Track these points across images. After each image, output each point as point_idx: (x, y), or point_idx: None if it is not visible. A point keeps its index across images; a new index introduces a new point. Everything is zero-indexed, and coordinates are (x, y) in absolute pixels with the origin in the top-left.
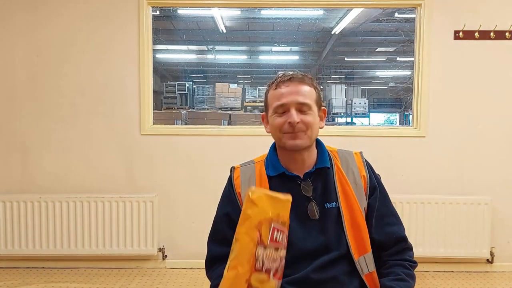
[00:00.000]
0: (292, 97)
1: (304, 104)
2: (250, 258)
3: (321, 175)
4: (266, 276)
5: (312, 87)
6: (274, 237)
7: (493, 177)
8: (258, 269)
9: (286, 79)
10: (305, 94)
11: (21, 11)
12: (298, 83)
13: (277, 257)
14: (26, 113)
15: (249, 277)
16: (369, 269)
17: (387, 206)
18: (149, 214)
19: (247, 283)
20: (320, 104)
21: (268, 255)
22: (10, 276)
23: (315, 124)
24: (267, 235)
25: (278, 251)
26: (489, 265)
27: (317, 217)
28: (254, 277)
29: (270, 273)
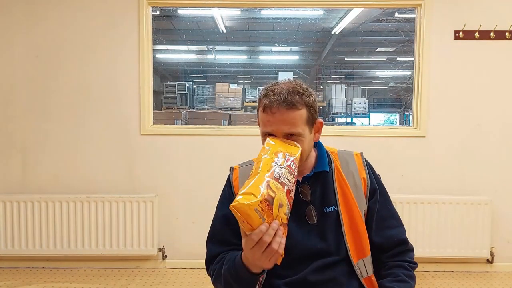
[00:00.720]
0: (278, 126)
1: (292, 134)
2: (269, 168)
3: (320, 178)
4: (281, 187)
5: (303, 107)
6: (289, 163)
7: (493, 177)
8: (275, 178)
9: (274, 104)
10: (293, 122)
11: (20, 11)
12: (286, 109)
13: (291, 180)
14: (26, 113)
15: (269, 180)
16: (368, 272)
17: (387, 208)
18: (149, 214)
19: (267, 184)
20: (313, 120)
21: (283, 173)
22: (10, 276)
23: (304, 148)
24: (283, 160)
25: (291, 176)
26: (489, 265)
27: (315, 221)
28: (272, 182)
29: (284, 188)
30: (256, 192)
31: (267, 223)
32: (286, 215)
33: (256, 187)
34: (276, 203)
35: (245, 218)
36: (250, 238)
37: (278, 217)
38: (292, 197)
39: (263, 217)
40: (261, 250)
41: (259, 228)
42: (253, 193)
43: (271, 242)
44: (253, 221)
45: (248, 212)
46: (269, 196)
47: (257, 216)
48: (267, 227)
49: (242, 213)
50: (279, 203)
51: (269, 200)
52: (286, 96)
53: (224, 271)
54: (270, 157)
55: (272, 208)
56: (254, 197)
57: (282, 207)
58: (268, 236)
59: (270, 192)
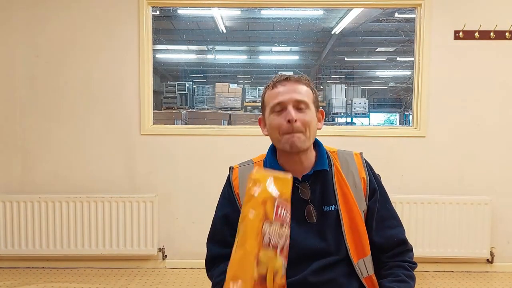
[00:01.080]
0: (289, 95)
1: (301, 102)
2: (257, 234)
3: (319, 177)
4: (273, 252)
5: (309, 87)
6: (279, 213)
7: (493, 177)
8: (265, 245)
9: (282, 79)
10: (302, 92)
11: (20, 11)
12: (295, 82)
13: (283, 234)
14: (26, 113)
15: (257, 253)
16: (369, 272)
17: (387, 208)
18: (149, 214)
19: (256, 260)
20: (317, 105)
21: (274, 231)
22: (10, 276)
23: (313, 123)
24: (272, 211)
25: (283, 228)
26: (489, 265)
27: (314, 220)
28: (262, 253)
29: (277, 249)
30: (245, 276)
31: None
32: (282, 272)
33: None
34: (269, 276)
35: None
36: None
37: (274, 285)
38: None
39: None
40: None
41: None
42: (241, 278)
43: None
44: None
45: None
46: (260, 276)
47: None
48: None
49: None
50: (273, 274)
51: (261, 279)
52: (294, 76)
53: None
54: (257, 213)
55: (265, 284)
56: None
57: (277, 273)
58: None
59: (261, 269)
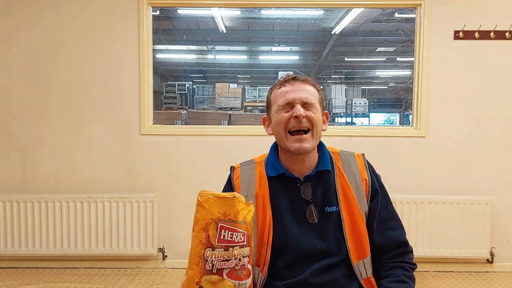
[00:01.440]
0: (297, 94)
1: (308, 101)
2: (199, 260)
3: (321, 178)
4: (218, 277)
5: (316, 88)
6: (222, 236)
7: (493, 177)
8: (208, 270)
9: (289, 78)
10: (311, 92)
11: (19, 11)
12: (302, 82)
13: (230, 256)
14: (26, 113)
15: (199, 279)
16: (368, 273)
17: (388, 210)
18: (149, 214)
19: (198, 285)
20: (323, 106)
21: (217, 256)
22: (10, 276)
23: (319, 122)
24: (214, 236)
25: (229, 251)
26: (489, 265)
27: (315, 221)
28: (205, 279)
29: (223, 273)
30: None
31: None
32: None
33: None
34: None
35: None
36: None
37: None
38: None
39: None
40: None
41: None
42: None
43: None
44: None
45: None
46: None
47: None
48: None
49: None
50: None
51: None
52: (301, 76)
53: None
54: (200, 239)
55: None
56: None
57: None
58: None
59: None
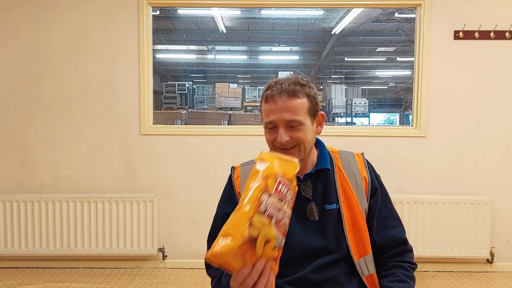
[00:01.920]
0: (280, 115)
1: (292, 121)
2: (255, 201)
3: (321, 176)
4: (268, 220)
5: (304, 97)
6: (279, 189)
7: (493, 177)
8: (260, 212)
9: (275, 92)
10: (295, 109)
11: (21, 11)
12: (288, 98)
13: (281, 208)
14: (26, 113)
15: (251, 216)
16: (369, 271)
17: (388, 208)
18: (149, 214)
19: (249, 221)
20: (315, 111)
21: (271, 202)
22: (10, 276)
23: (307, 137)
24: (272, 186)
25: (282, 203)
26: (489, 265)
27: (316, 218)
28: (257, 217)
29: (272, 220)
30: (236, 233)
31: (250, 264)
32: (277, 247)
33: (236, 228)
34: (260, 241)
35: (225, 266)
36: (234, 279)
37: (264, 255)
38: (285, 224)
39: (245, 259)
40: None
41: (241, 273)
42: (232, 235)
43: (257, 283)
44: (233, 267)
45: (227, 260)
46: (250, 237)
47: (237, 260)
48: (249, 270)
49: (219, 261)
50: (264, 240)
51: (251, 240)
52: (288, 86)
53: (223, 284)
54: (259, 184)
55: (255, 247)
56: (232, 240)
57: (269, 242)
58: (251, 279)
59: (253, 231)
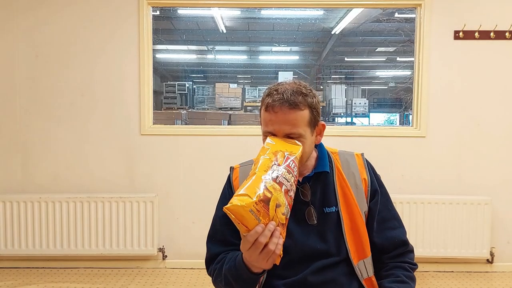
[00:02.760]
0: (280, 126)
1: (292, 134)
2: (267, 169)
3: (320, 179)
4: (279, 187)
5: (305, 108)
6: (288, 163)
7: (493, 177)
8: (273, 178)
9: (276, 103)
10: (295, 123)
11: (21, 11)
12: (289, 109)
13: (289, 180)
14: (26, 113)
15: (266, 180)
16: (369, 273)
17: (388, 209)
18: (149, 214)
19: (264, 183)
20: (315, 122)
21: (282, 173)
22: (10, 276)
23: (305, 149)
24: (282, 159)
25: (290, 175)
26: (489, 265)
27: (315, 222)
28: (269, 182)
29: (282, 188)
30: (251, 193)
31: (263, 224)
32: (285, 215)
33: (251, 188)
34: (272, 203)
35: (240, 220)
36: (246, 239)
37: (275, 218)
38: (291, 196)
39: (259, 218)
40: (257, 251)
41: (255, 229)
42: (248, 194)
43: (268, 243)
44: (248, 223)
45: (243, 214)
46: (265, 196)
47: (252, 217)
48: (263, 228)
49: (236, 215)
50: (276, 203)
51: (265, 200)
52: (290, 96)
53: (225, 271)
54: (269, 157)
55: (268, 209)
56: (249, 198)
57: (280, 207)
58: (264, 237)
59: (267, 192)
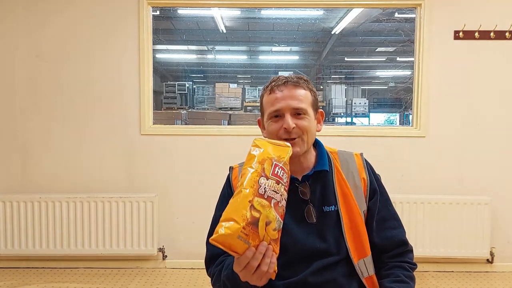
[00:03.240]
0: (286, 102)
1: (299, 109)
2: (253, 184)
3: (319, 178)
4: (267, 202)
5: (308, 90)
6: (276, 172)
7: (493, 177)
8: (260, 194)
9: (280, 83)
10: (300, 98)
11: (21, 11)
12: (293, 87)
13: (278, 191)
14: (26, 113)
15: (252, 198)
16: (369, 272)
17: (388, 209)
18: (149, 214)
19: (250, 204)
20: (316, 106)
21: (270, 185)
22: (10, 276)
23: (311, 129)
24: (269, 169)
25: (279, 186)
26: (489, 265)
27: (314, 220)
28: (257, 200)
29: (271, 202)
30: (238, 216)
31: (253, 246)
32: (276, 230)
33: (238, 211)
34: (262, 223)
35: (229, 248)
36: (238, 263)
37: (266, 237)
38: (283, 206)
39: (248, 242)
40: (250, 273)
41: (245, 255)
42: (234, 219)
43: (260, 264)
44: (237, 249)
45: (230, 242)
46: (252, 218)
47: (241, 243)
48: (253, 252)
49: (224, 244)
50: (265, 222)
51: (253, 222)
52: (293, 78)
53: (223, 277)
54: (256, 168)
55: (257, 230)
56: (235, 224)
57: (270, 224)
58: (255, 261)
59: (254, 213)
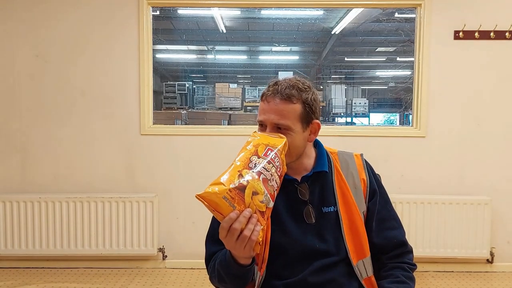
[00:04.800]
0: (268, 115)
1: (280, 124)
2: (245, 160)
3: (319, 178)
4: (256, 176)
5: (299, 102)
6: (268, 153)
7: (493, 177)
8: (250, 167)
9: (270, 93)
10: (284, 113)
11: (21, 11)
12: (281, 100)
13: (269, 170)
14: (26, 113)
15: (241, 169)
16: (368, 273)
17: (387, 210)
18: (149, 214)
19: (239, 173)
20: (308, 119)
21: (260, 162)
22: (10, 276)
23: (294, 142)
24: (262, 151)
25: (271, 166)
26: (489, 265)
27: (313, 221)
28: (246, 171)
29: (260, 176)
30: (226, 181)
31: (238, 210)
32: (264, 203)
33: (226, 177)
34: (248, 191)
35: (214, 207)
36: (222, 226)
37: (251, 205)
38: (273, 186)
39: (233, 205)
40: (233, 238)
41: (229, 216)
42: (221, 182)
43: (243, 229)
44: (222, 209)
45: (216, 201)
46: (240, 184)
47: (226, 204)
48: (237, 214)
49: (209, 202)
50: (252, 191)
51: (240, 188)
52: (284, 89)
53: (217, 265)
54: (250, 149)
55: (243, 196)
56: (222, 185)
57: (257, 195)
58: (238, 223)
59: (242, 180)
